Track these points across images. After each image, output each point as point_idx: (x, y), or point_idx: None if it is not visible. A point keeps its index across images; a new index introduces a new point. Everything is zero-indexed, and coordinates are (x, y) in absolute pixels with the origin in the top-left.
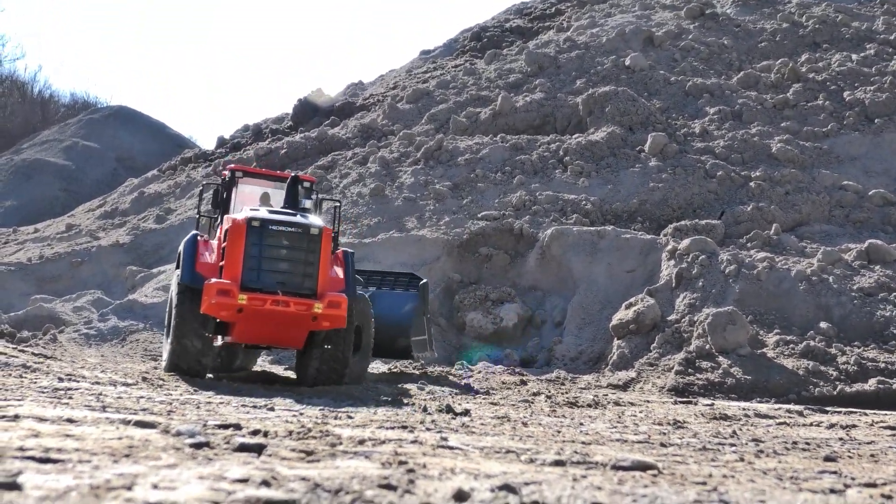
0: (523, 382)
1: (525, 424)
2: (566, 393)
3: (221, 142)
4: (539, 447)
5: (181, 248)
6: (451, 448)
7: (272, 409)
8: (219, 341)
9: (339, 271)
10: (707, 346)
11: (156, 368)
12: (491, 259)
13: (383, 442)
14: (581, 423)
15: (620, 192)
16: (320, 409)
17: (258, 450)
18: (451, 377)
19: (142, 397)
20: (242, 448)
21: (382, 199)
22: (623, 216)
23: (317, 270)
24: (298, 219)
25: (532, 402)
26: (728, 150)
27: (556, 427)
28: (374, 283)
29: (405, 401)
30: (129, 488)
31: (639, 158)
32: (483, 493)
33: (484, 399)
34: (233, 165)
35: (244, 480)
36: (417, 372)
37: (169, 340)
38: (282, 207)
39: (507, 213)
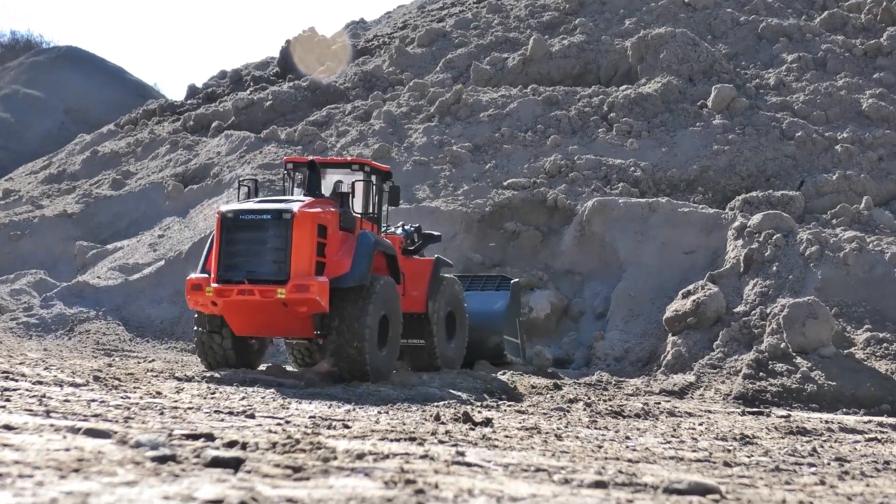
0: (557, 387)
1: (559, 437)
2: (609, 400)
3: (193, 91)
4: (576, 465)
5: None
6: (468, 465)
7: (252, 416)
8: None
9: (348, 253)
10: (782, 345)
11: (110, 366)
12: (519, 237)
13: (387, 456)
14: (627, 437)
15: (677, 156)
16: (310, 417)
17: (235, 465)
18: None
19: (93, 401)
20: (216, 463)
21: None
22: (680, 186)
23: (288, 256)
24: (272, 205)
25: (568, 411)
26: (809, 107)
27: (596, 441)
28: (462, 284)
29: (413, 407)
30: None
31: (700, 116)
32: None
33: (510, 407)
34: (287, 157)
35: (218, 502)
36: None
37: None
38: (305, 193)
39: (539, 180)
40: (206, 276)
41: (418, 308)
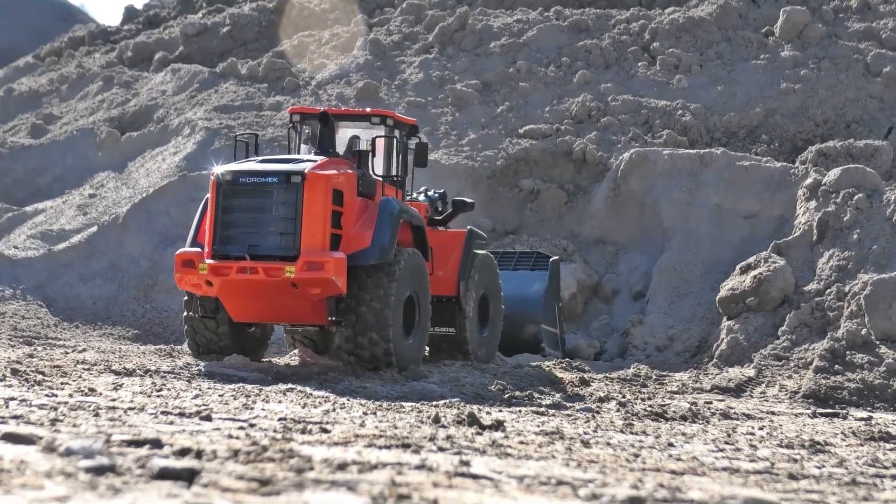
0: (585, 382)
1: (586, 444)
2: (649, 399)
3: (131, 14)
4: (606, 478)
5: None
6: (474, 477)
7: (208, 418)
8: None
9: (367, 225)
10: (863, 332)
11: (32, 357)
12: (538, 196)
13: (375, 467)
14: (670, 444)
15: (737, 96)
16: (280, 420)
17: (188, 477)
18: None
19: (12, 399)
20: (165, 475)
21: (375, 104)
22: (740, 134)
23: (298, 227)
24: (278, 166)
25: (598, 412)
26: None
27: (632, 449)
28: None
29: (407, 406)
30: None
31: (765, 46)
32: None
33: (525, 407)
34: (291, 107)
35: None
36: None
37: None
38: (316, 152)
39: (564, 127)
40: (198, 250)
41: (447, 291)
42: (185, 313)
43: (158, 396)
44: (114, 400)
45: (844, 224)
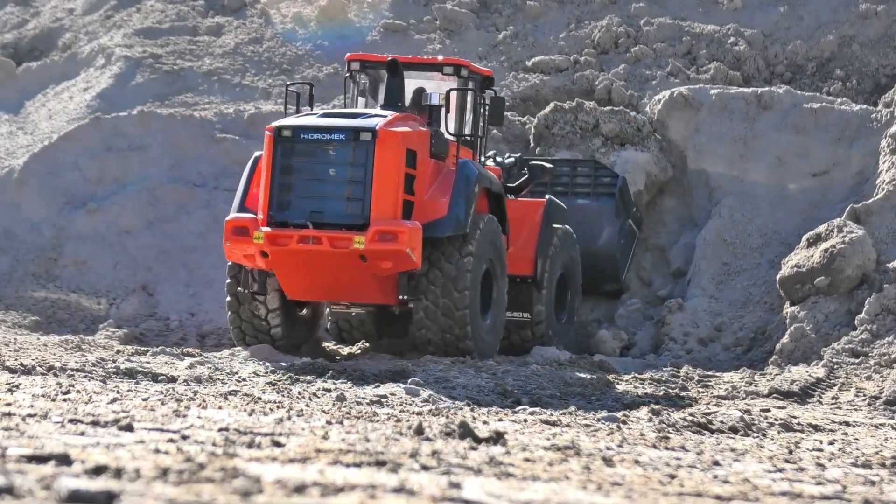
0: (608, 384)
1: (609, 462)
2: (690, 405)
3: None
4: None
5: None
6: (467, 503)
7: (129, 429)
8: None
9: (443, 190)
10: None
11: None
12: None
13: (341, 490)
14: (716, 463)
15: (804, 20)
16: (221, 430)
17: (105, 501)
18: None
19: None
20: (76, 498)
21: (342, 29)
22: (808, 68)
23: (368, 191)
24: (345, 121)
25: (624, 422)
26: None
27: (668, 468)
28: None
29: (384, 414)
30: None
31: None
32: None
33: (533, 415)
34: (349, 54)
35: None
36: None
37: None
38: (383, 105)
39: (585, 59)
40: (251, 216)
41: (522, 269)
42: (231, 290)
43: (65, 400)
44: (9, 405)
45: None
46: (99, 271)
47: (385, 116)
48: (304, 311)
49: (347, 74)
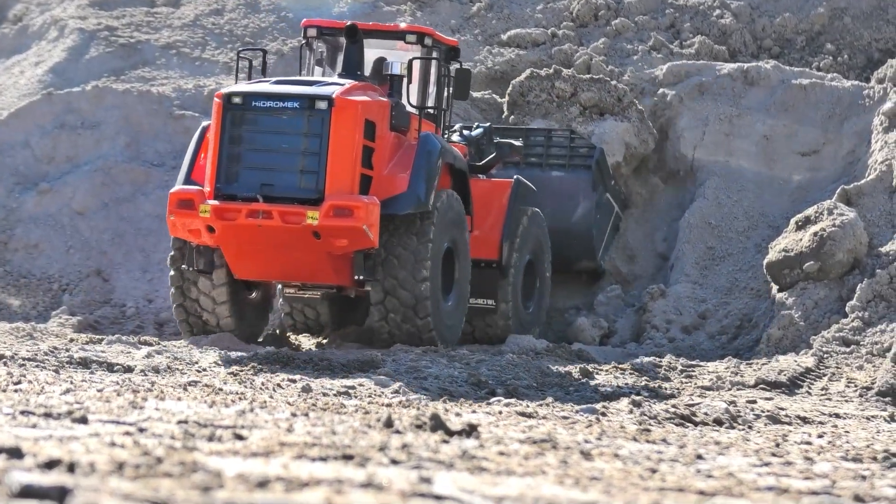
0: (586, 374)
1: (587, 456)
2: (672, 396)
3: None
4: (613, 499)
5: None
6: (439, 498)
7: (83, 421)
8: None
9: (402, 165)
10: None
11: None
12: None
13: (306, 484)
14: (699, 457)
15: None
16: (180, 422)
17: (58, 497)
18: None
19: None
20: (29, 493)
21: (308, 0)
22: (797, 42)
23: (322, 164)
24: (299, 88)
25: (604, 414)
26: None
27: (648, 462)
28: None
29: (352, 405)
30: None
31: None
32: None
33: (508, 407)
34: (309, 20)
35: None
36: None
37: None
38: (340, 74)
39: (563, 32)
40: (198, 188)
41: (487, 253)
42: (171, 271)
43: (16, 391)
44: None
45: None
46: (51, 255)
47: (343, 85)
48: (254, 295)
49: (303, 42)
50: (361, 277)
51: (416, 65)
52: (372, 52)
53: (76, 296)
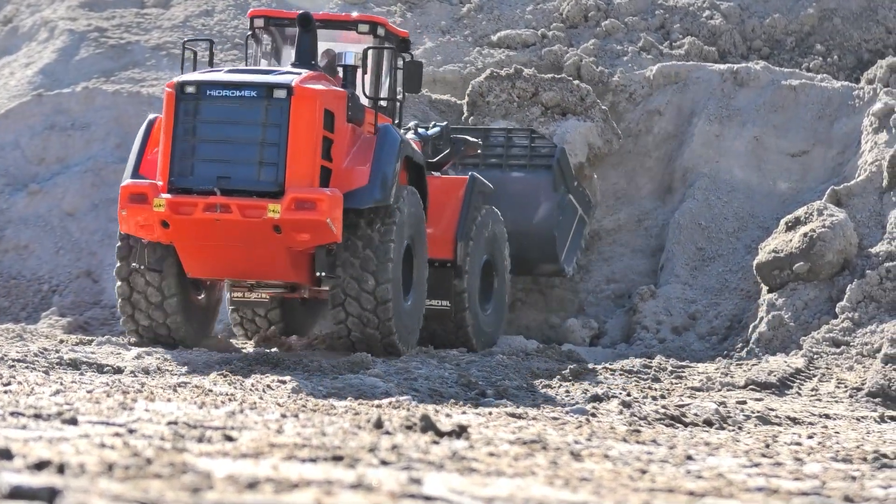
0: (577, 375)
1: (577, 457)
2: (662, 397)
3: None
4: (603, 500)
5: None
6: (429, 499)
7: (73, 422)
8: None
9: (362, 157)
10: None
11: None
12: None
13: (296, 486)
14: (689, 457)
15: None
16: (169, 423)
17: (48, 497)
18: None
19: None
20: (18, 494)
21: (298, 1)
22: (786, 42)
23: (283, 154)
24: (256, 77)
25: (593, 414)
26: None
27: (638, 463)
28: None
29: (342, 407)
30: None
31: None
32: None
33: (498, 408)
34: (252, 10)
35: None
36: None
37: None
38: (293, 64)
39: (553, 33)
40: (150, 182)
41: (443, 253)
42: (118, 267)
43: (6, 392)
44: None
45: None
46: (41, 256)
47: (299, 73)
48: (201, 297)
49: (249, 33)
50: (324, 274)
51: (371, 55)
52: (323, 44)
53: (66, 297)
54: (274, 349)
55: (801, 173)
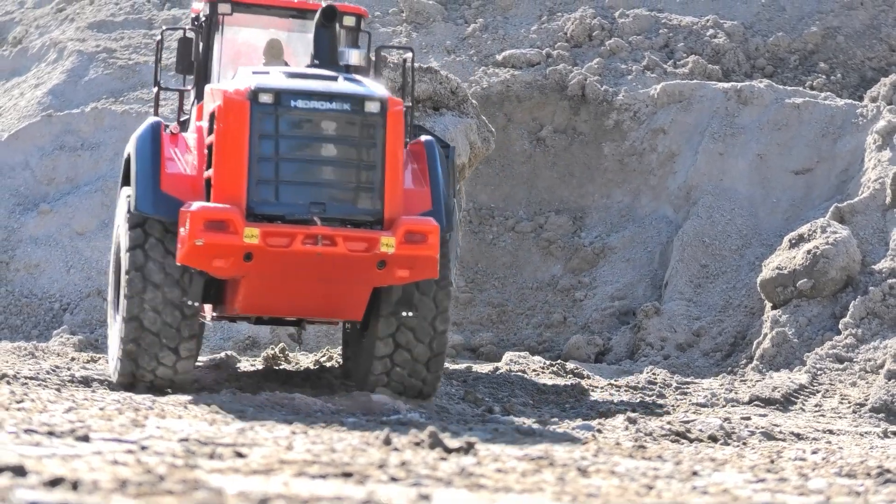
0: (582, 392)
1: (584, 473)
2: (668, 413)
3: None
4: None
5: (132, 147)
6: None
7: (85, 439)
8: (208, 316)
9: (418, 176)
10: None
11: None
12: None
13: (306, 502)
14: (695, 473)
15: (786, 11)
16: (181, 440)
17: None
18: None
19: None
20: None
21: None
22: (790, 61)
23: (381, 178)
24: (342, 85)
25: (599, 431)
26: None
27: (644, 479)
28: None
29: (349, 423)
30: None
31: None
32: None
33: (504, 423)
34: None
35: None
36: None
37: (119, 319)
38: (309, 65)
39: (557, 52)
40: (227, 207)
41: None
42: (151, 297)
43: (19, 409)
44: None
45: None
46: (52, 275)
47: (359, 81)
48: (211, 317)
49: (204, 18)
50: (409, 314)
51: (380, 55)
52: (259, 31)
53: (77, 315)
54: (282, 366)
55: (804, 191)
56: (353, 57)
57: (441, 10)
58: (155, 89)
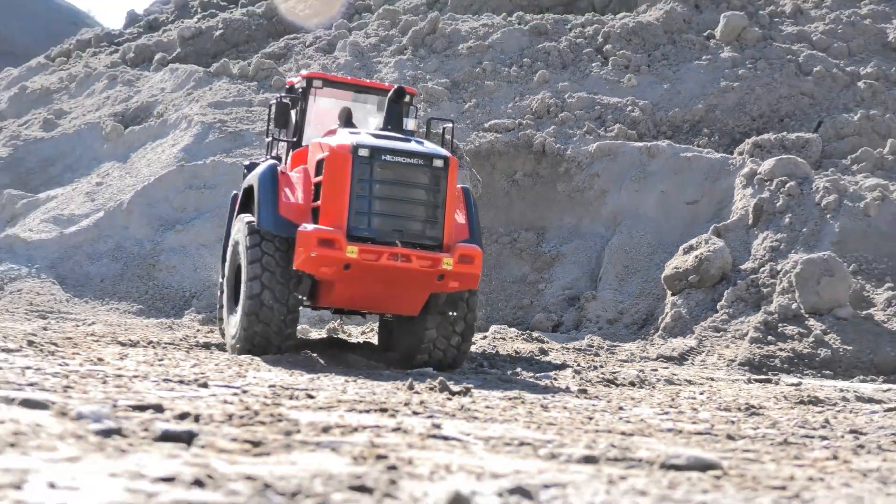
0: (543, 352)
1: (545, 408)
2: (601, 367)
3: (132, 19)
4: (564, 438)
5: (254, 181)
6: (445, 438)
7: (204, 386)
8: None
9: (461, 215)
10: (794, 306)
11: (46, 329)
12: (515, 184)
13: (355, 429)
14: (621, 408)
15: (681, 94)
16: (270, 387)
17: (187, 439)
18: None
19: (28, 368)
20: (166, 437)
21: None
22: (684, 127)
23: (443, 214)
24: (415, 146)
25: (555, 379)
26: (829, 38)
27: (586, 412)
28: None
29: (384, 375)
30: (18, 487)
31: (707, 48)
32: (489, 499)
33: (491, 374)
34: (308, 72)
35: (170, 479)
36: None
37: (240, 309)
38: (382, 128)
39: (526, 121)
40: (333, 229)
41: None
42: (272, 295)
43: (160, 365)
44: (120, 369)
45: (777, 209)
46: (184, 273)
47: (423, 142)
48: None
49: (300, 90)
50: (454, 314)
51: (429, 125)
52: (340, 102)
53: (201, 300)
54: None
55: (693, 215)
56: (411, 124)
57: (447, 93)
58: (268, 139)
